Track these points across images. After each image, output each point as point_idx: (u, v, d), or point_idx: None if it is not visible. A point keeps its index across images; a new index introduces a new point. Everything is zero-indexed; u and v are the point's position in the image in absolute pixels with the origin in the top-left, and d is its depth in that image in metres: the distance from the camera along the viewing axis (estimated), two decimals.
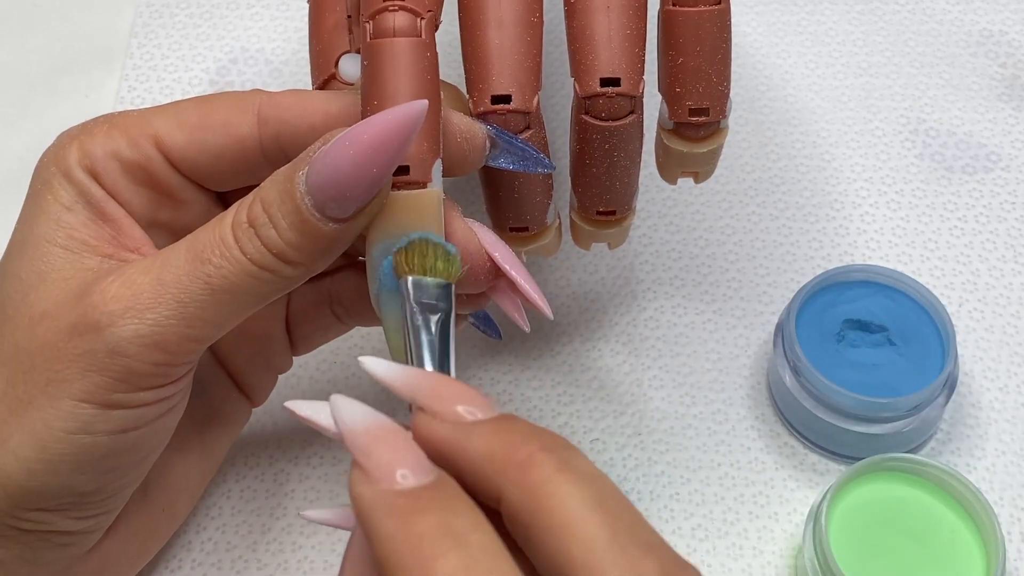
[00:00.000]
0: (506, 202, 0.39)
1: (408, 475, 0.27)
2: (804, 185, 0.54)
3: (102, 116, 0.38)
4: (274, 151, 0.37)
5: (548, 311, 0.37)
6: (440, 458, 0.28)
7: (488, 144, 0.36)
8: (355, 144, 0.32)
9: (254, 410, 0.44)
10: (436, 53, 0.35)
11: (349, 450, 0.27)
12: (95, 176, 0.36)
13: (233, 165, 0.37)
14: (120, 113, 0.38)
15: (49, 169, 0.36)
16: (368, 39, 0.34)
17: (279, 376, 0.45)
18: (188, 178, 0.37)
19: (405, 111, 0.32)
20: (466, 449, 0.28)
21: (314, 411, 0.30)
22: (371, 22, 0.34)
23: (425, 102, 0.32)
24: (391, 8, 0.34)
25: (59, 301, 0.34)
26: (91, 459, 0.34)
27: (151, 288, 0.33)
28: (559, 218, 0.42)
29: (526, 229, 0.40)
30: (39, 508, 0.35)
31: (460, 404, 0.28)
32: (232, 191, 0.39)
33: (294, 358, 0.44)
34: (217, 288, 0.33)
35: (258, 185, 0.35)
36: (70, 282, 0.34)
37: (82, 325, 0.33)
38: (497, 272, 0.36)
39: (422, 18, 0.34)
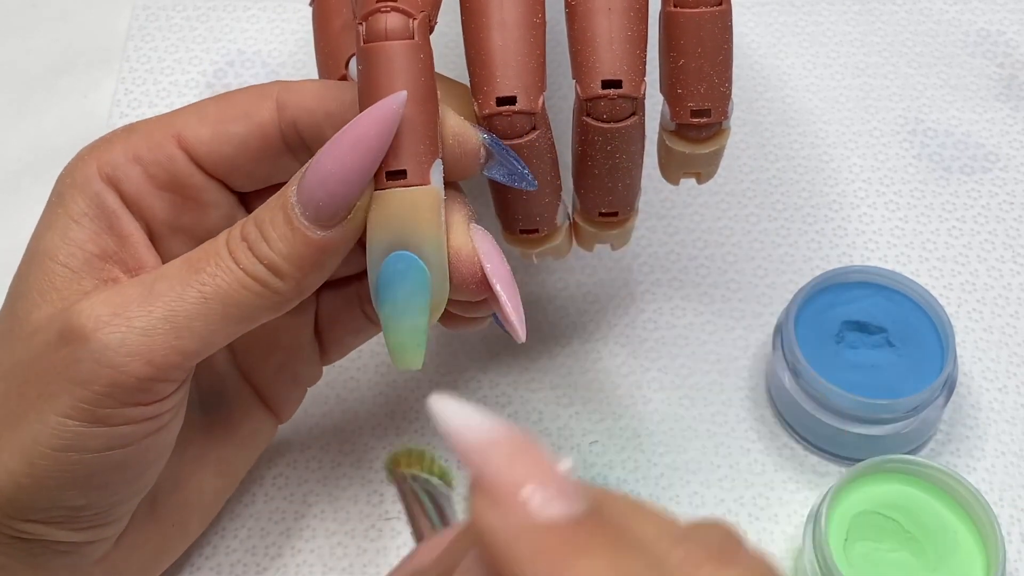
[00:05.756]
0: (515, 204, 0.39)
1: (548, 498, 0.21)
2: (802, 186, 0.54)
3: (121, 127, 0.38)
4: (293, 137, 0.37)
5: (522, 335, 0.36)
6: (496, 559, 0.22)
7: (484, 153, 0.36)
8: (338, 142, 0.33)
9: None
10: (431, 54, 0.35)
11: (465, 464, 0.22)
12: (115, 184, 0.36)
13: (256, 154, 0.37)
14: (139, 120, 0.38)
15: (64, 183, 0.37)
16: (362, 42, 0.34)
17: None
18: (212, 176, 0.37)
19: (384, 104, 0.32)
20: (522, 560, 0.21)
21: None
22: (364, 24, 0.34)
23: (404, 93, 0.32)
24: (383, 9, 0.34)
25: (51, 315, 0.34)
26: (78, 477, 0.34)
27: (141, 296, 0.33)
28: (569, 219, 0.42)
29: (536, 231, 0.40)
30: (30, 520, 0.35)
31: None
32: (254, 198, 0.39)
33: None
34: (210, 297, 0.33)
35: (280, 184, 0.35)
36: (65, 301, 0.35)
37: (68, 332, 0.33)
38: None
39: (414, 19, 0.34)
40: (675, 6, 0.37)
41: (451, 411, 0.22)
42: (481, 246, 0.36)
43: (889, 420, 0.44)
